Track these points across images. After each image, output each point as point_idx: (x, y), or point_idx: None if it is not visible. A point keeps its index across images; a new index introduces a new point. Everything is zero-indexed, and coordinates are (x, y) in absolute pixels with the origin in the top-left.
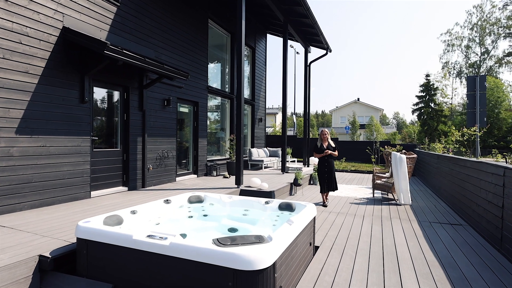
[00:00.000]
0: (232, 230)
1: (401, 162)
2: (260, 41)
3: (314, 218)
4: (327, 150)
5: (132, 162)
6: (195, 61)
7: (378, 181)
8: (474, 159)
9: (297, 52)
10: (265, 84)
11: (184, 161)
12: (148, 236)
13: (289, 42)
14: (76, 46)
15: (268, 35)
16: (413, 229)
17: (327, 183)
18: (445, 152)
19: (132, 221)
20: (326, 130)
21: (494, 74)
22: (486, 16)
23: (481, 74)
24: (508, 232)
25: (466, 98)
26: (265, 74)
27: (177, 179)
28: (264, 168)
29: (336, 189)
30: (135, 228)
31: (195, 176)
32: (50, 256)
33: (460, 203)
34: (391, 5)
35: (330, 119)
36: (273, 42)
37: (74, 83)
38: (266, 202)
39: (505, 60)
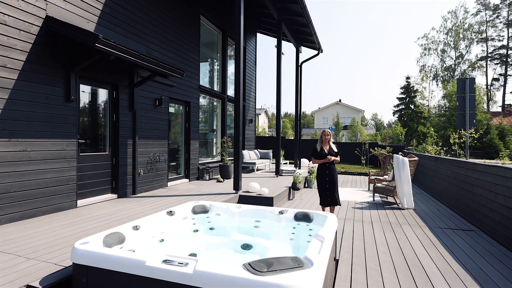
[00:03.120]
0: (246, 246)
1: (403, 166)
2: (250, 39)
3: (336, 230)
4: (329, 156)
5: (122, 167)
6: (187, 59)
7: (379, 185)
8: (488, 162)
9: (282, 53)
10: (256, 84)
11: (173, 163)
12: (165, 261)
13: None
14: (61, 38)
15: (257, 34)
16: (427, 236)
17: (329, 195)
18: (437, 154)
19: (134, 239)
20: (328, 130)
21: (461, 78)
22: (460, 21)
23: (456, 77)
24: None
25: (444, 100)
26: (256, 74)
27: (169, 184)
28: (256, 170)
29: (338, 204)
30: (139, 246)
31: (187, 180)
32: (40, 287)
33: (468, 207)
34: (371, 6)
35: (311, 120)
36: (259, 41)
37: (59, 79)
38: (281, 212)
39: (478, 64)
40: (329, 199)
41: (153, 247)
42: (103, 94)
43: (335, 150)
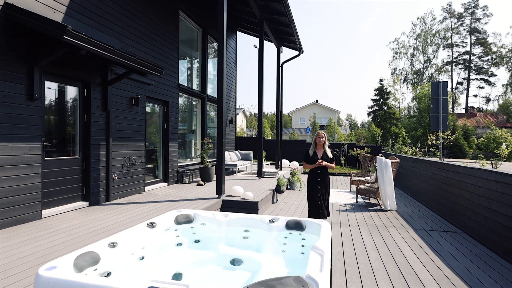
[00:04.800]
0: (235, 262)
1: (386, 167)
2: (231, 38)
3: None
4: (320, 160)
5: (94, 171)
6: (165, 56)
7: (362, 186)
8: (464, 163)
9: (255, 46)
10: (236, 83)
11: (150, 166)
12: None
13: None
14: (23, 29)
15: (237, 32)
16: (414, 239)
17: (320, 206)
18: (414, 155)
19: (111, 258)
20: (323, 133)
21: (435, 81)
22: (428, 27)
23: (424, 80)
24: None
25: (413, 102)
26: (236, 73)
27: (146, 188)
28: (237, 172)
29: (326, 216)
30: (116, 267)
31: (166, 184)
32: None
33: (449, 208)
34: (344, 8)
35: (288, 120)
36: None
37: (20, 75)
38: (271, 221)
39: (444, 69)
40: (320, 210)
41: (133, 267)
42: (72, 92)
43: (330, 155)
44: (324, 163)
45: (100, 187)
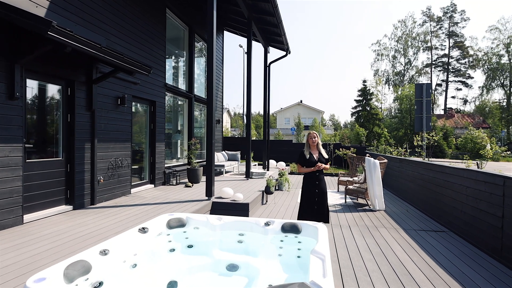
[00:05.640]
0: (231, 267)
1: (375, 168)
2: (218, 37)
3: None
4: (319, 164)
5: (78, 174)
6: (152, 54)
7: (351, 187)
8: (462, 165)
9: (246, 52)
10: (223, 83)
11: (137, 167)
12: None
13: (238, 41)
14: (2, 23)
15: (224, 32)
16: (405, 239)
17: (316, 211)
18: (399, 155)
19: (103, 266)
20: (315, 132)
21: (416, 83)
22: (409, 30)
23: (405, 82)
24: (511, 243)
25: (395, 103)
26: (223, 73)
27: (133, 190)
28: (225, 173)
29: (327, 221)
30: (108, 276)
31: (152, 186)
32: None
33: (437, 208)
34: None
35: (272, 120)
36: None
37: (0, 73)
38: (267, 224)
39: (424, 71)
40: (317, 215)
41: (126, 275)
42: (55, 91)
43: (325, 156)
44: (322, 166)
45: (84, 190)
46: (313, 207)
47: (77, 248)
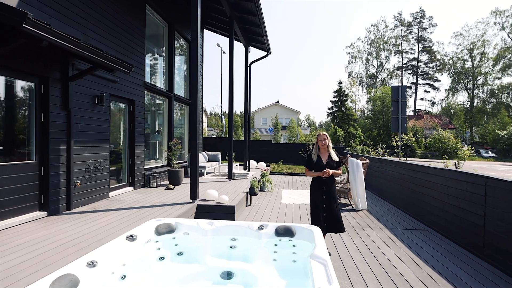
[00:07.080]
0: (226, 275)
1: (358, 168)
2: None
3: None
4: (326, 170)
5: (53, 177)
6: (131, 51)
7: None
8: (441, 166)
9: (224, 52)
10: (203, 82)
11: (115, 169)
12: None
13: (217, 39)
14: None
15: (204, 30)
16: (391, 239)
17: (325, 219)
18: (377, 155)
19: (91, 280)
20: (325, 134)
21: (387, 85)
22: (381, 34)
23: (378, 84)
24: (493, 240)
25: (368, 104)
26: (203, 72)
27: (111, 194)
28: (206, 174)
29: (342, 230)
30: None
31: (132, 188)
32: None
33: (418, 207)
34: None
35: (252, 120)
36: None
37: None
38: (260, 227)
39: (395, 73)
40: (326, 223)
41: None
42: (27, 89)
43: (336, 159)
44: (331, 172)
45: (60, 195)
46: (321, 213)
47: (59, 258)
